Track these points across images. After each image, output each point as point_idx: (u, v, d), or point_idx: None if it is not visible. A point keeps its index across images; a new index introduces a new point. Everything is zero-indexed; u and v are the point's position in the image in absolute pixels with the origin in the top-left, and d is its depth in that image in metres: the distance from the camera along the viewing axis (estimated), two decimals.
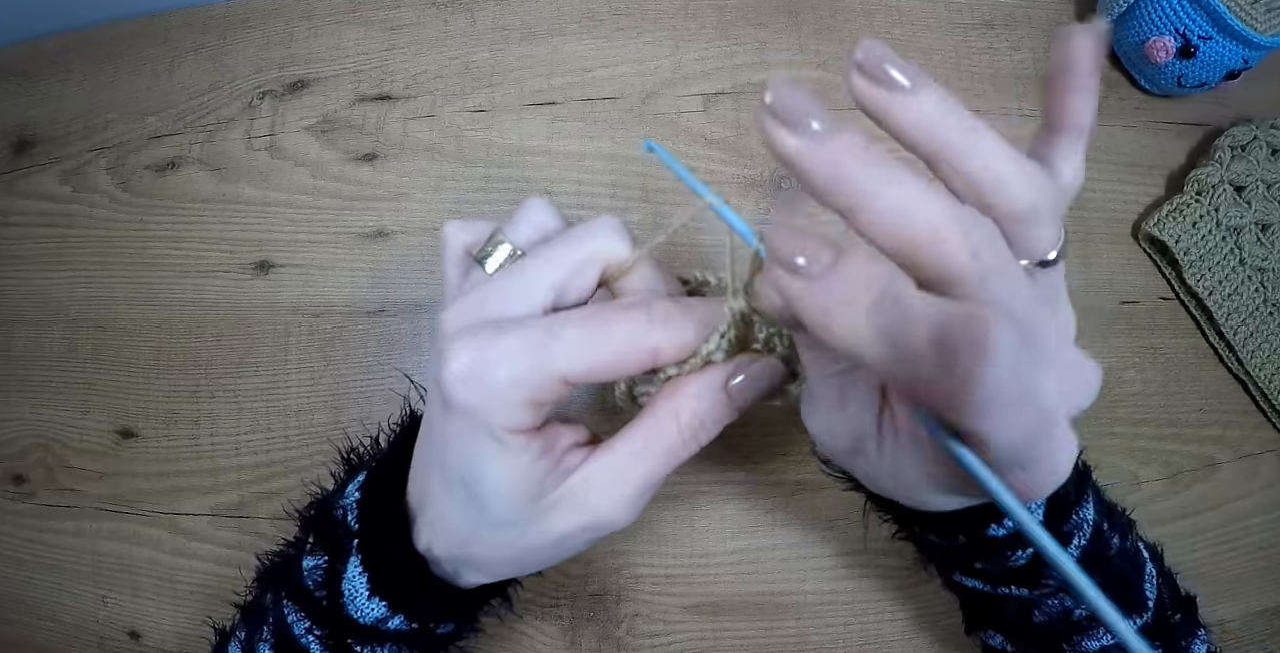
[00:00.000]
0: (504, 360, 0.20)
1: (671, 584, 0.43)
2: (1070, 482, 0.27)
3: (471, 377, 0.20)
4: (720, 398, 0.22)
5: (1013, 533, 0.26)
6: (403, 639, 0.26)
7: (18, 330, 0.50)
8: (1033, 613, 0.28)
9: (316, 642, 0.26)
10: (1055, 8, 0.52)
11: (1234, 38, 0.44)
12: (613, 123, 0.49)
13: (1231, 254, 0.47)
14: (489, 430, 0.21)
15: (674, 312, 0.22)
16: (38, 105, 0.53)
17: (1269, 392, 0.46)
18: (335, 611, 0.25)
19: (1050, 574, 0.27)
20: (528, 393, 0.20)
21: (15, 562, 0.47)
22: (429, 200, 0.48)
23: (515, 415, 0.20)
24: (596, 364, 0.21)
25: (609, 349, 0.21)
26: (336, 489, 0.28)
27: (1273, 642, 0.45)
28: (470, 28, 0.51)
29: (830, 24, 0.50)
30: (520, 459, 0.21)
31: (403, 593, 0.25)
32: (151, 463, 0.47)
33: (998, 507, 0.18)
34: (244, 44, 0.52)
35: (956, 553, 0.28)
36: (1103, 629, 0.28)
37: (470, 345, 0.20)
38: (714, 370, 0.22)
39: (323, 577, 0.26)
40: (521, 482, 0.22)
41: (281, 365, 0.47)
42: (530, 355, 0.20)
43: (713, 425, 0.23)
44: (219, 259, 0.49)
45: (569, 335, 0.20)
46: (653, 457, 0.23)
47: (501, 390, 0.20)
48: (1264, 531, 0.46)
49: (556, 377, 0.20)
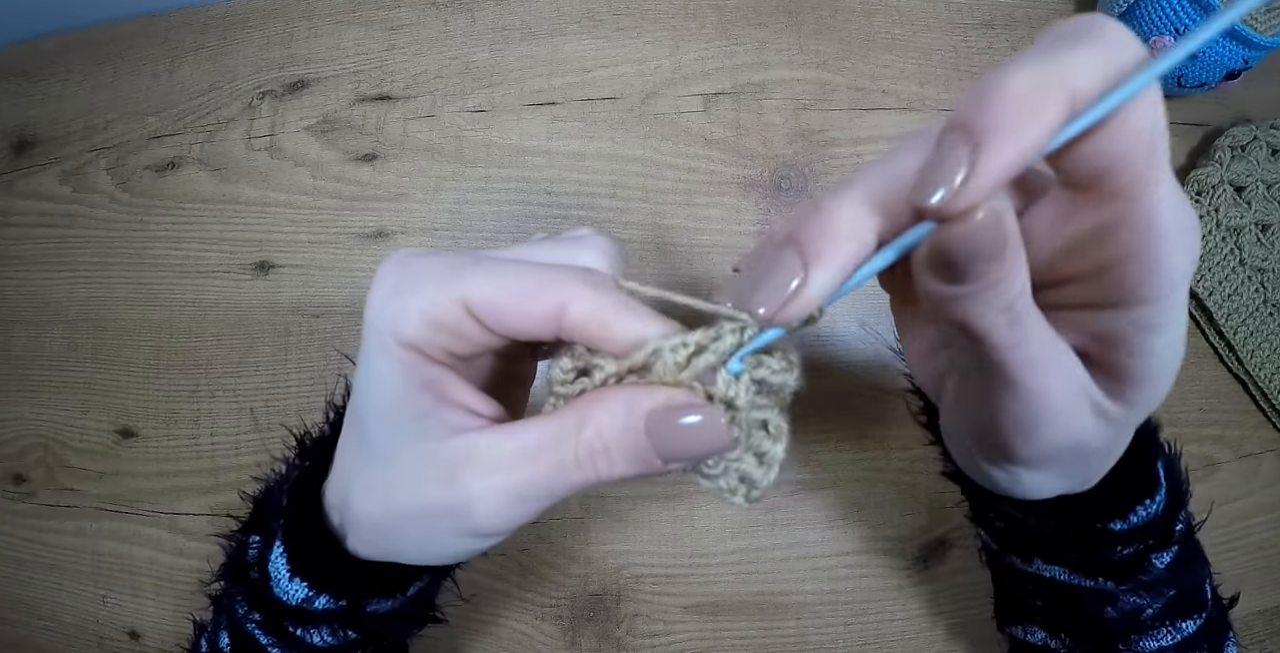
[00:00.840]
0: (416, 271, 0.20)
1: (671, 584, 0.43)
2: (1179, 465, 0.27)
3: (384, 282, 0.20)
4: (635, 427, 0.19)
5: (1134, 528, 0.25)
6: (335, 619, 0.25)
7: (18, 330, 0.50)
8: (1107, 608, 0.27)
9: (256, 626, 0.26)
10: (1055, 8, 0.52)
11: (1234, 38, 0.44)
12: (613, 123, 0.49)
13: (1231, 254, 0.47)
14: (381, 338, 0.20)
15: (607, 282, 0.19)
16: (38, 105, 0.53)
17: (1269, 392, 0.46)
18: (265, 593, 0.25)
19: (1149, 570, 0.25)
20: (426, 305, 0.19)
21: (15, 562, 0.47)
22: (429, 200, 0.48)
23: (409, 327, 0.19)
24: (498, 296, 0.19)
25: (515, 284, 0.19)
26: (284, 474, 0.28)
27: (1272, 642, 0.45)
28: (470, 28, 0.51)
29: (830, 24, 0.50)
30: (401, 376, 0.20)
31: (321, 571, 0.24)
32: (151, 463, 0.47)
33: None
34: (244, 44, 0.52)
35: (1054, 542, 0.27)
36: (1161, 629, 0.27)
37: (397, 257, 0.20)
38: (644, 390, 0.19)
39: (254, 559, 0.26)
40: (395, 401, 0.20)
41: (281, 365, 0.47)
42: (442, 274, 0.19)
43: (619, 460, 0.19)
44: (219, 259, 0.49)
45: (487, 264, 0.19)
46: (542, 463, 0.19)
47: (403, 297, 0.19)
48: (1264, 531, 0.46)
49: (458, 298, 0.19)
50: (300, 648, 0.26)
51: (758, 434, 0.20)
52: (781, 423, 0.20)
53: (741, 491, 0.20)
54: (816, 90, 0.49)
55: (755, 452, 0.20)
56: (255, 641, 0.26)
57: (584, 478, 0.19)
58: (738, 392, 0.19)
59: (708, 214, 0.47)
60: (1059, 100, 0.15)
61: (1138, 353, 0.19)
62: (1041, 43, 0.16)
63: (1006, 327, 0.17)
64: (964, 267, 0.16)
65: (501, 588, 0.43)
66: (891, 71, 0.50)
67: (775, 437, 0.20)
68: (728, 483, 0.20)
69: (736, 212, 0.47)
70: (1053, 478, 0.22)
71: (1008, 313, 0.17)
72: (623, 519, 0.44)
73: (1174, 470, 0.26)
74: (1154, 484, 0.25)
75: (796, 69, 0.49)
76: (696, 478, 0.21)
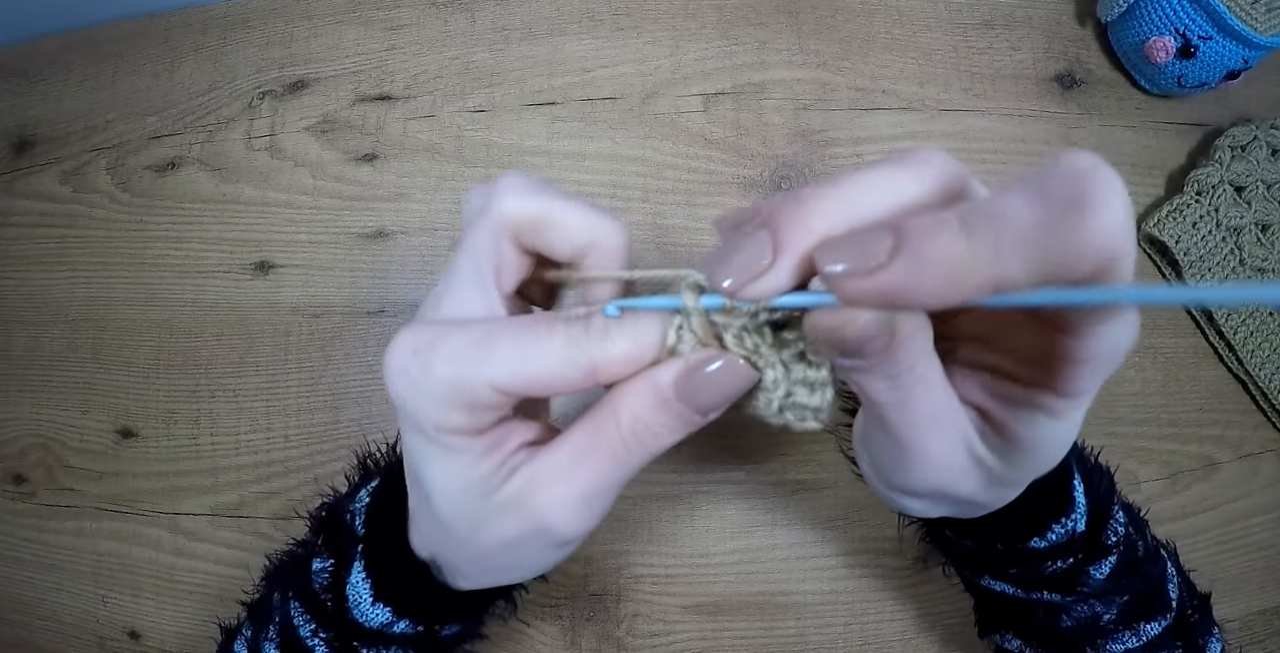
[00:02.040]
0: (437, 361, 0.19)
1: (671, 584, 0.43)
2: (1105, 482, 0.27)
3: (406, 373, 0.20)
4: (662, 397, 0.20)
5: (1054, 545, 0.26)
6: (409, 642, 0.26)
7: (18, 330, 0.50)
8: (1061, 618, 0.28)
9: (323, 644, 0.26)
10: (1055, 8, 0.52)
11: (1234, 38, 0.44)
12: (613, 123, 0.49)
13: (1231, 254, 0.47)
14: (422, 429, 0.20)
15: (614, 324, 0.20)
16: (38, 105, 0.53)
17: (1269, 392, 0.46)
18: (341, 614, 0.25)
19: (1087, 582, 0.27)
20: (458, 396, 0.19)
21: (15, 562, 0.47)
22: (429, 200, 0.48)
23: (447, 416, 0.20)
24: (526, 378, 0.19)
25: (540, 365, 0.19)
26: (349, 493, 0.28)
27: (1272, 642, 0.45)
28: (470, 28, 0.51)
29: (830, 24, 0.50)
30: (458, 459, 0.21)
31: (405, 599, 0.25)
32: (151, 463, 0.47)
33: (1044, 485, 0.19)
34: (244, 44, 0.52)
35: (991, 560, 0.28)
36: (1124, 633, 0.28)
37: (409, 342, 0.20)
38: (654, 367, 0.20)
39: (329, 581, 0.26)
40: (459, 482, 0.21)
41: (281, 365, 0.47)
42: (463, 360, 0.19)
43: (661, 430, 0.20)
44: (219, 259, 0.49)
45: (502, 347, 0.19)
46: (596, 459, 0.20)
47: (433, 391, 0.19)
48: (1264, 531, 0.46)
49: (487, 384, 0.19)
50: None
51: (797, 367, 0.21)
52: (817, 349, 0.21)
53: (810, 416, 0.21)
54: (816, 90, 0.49)
55: (804, 383, 0.21)
56: None
57: (639, 458, 0.21)
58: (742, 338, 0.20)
59: (708, 214, 0.47)
60: (986, 283, 0.15)
61: (1035, 429, 0.20)
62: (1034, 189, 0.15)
63: (888, 391, 0.19)
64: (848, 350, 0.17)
65: None
66: (891, 71, 0.50)
67: (817, 364, 0.21)
68: (794, 415, 0.21)
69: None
70: (936, 508, 0.23)
71: (891, 381, 0.18)
72: (623, 519, 0.44)
73: (1095, 485, 0.27)
74: (1069, 504, 0.26)
75: (796, 69, 0.49)
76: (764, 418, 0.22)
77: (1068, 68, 0.51)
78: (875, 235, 0.15)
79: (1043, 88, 0.50)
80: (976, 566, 0.29)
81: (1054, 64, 0.51)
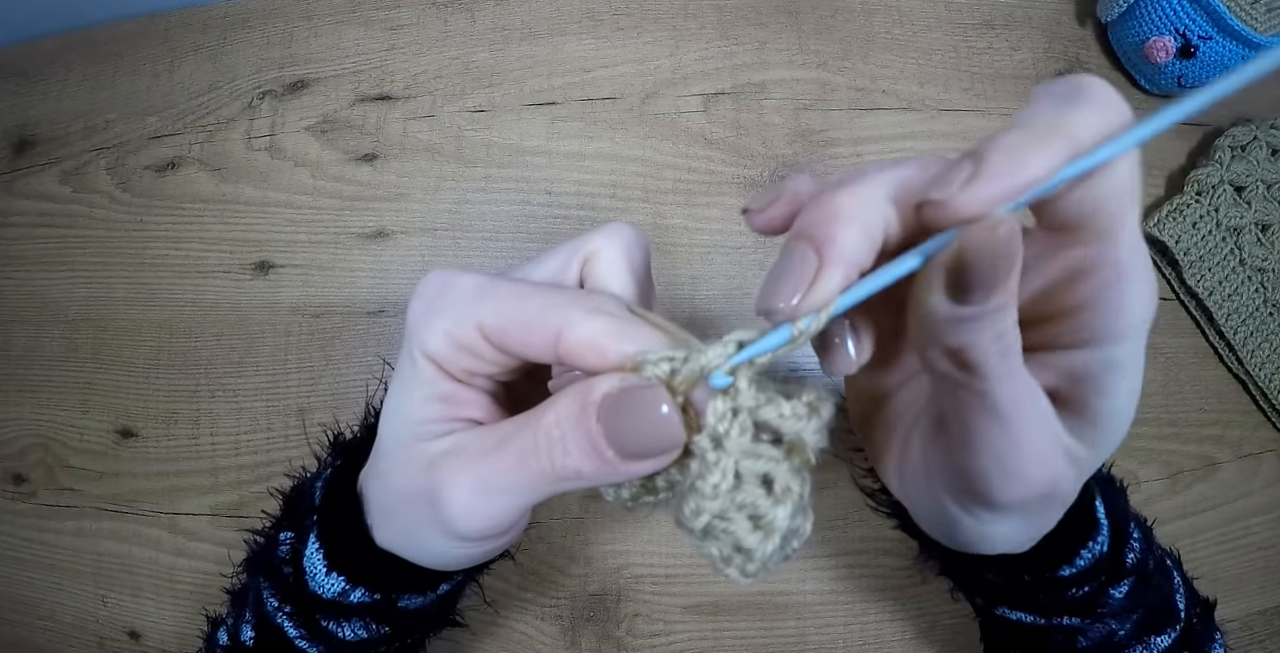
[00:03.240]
0: (447, 291, 0.21)
1: (671, 584, 0.43)
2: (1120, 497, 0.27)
3: (423, 295, 0.21)
4: (588, 412, 0.18)
5: (1082, 571, 0.25)
6: (368, 613, 0.26)
7: (18, 330, 0.50)
8: (1078, 640, 0.28)
9: (287, 618, 0.26)
10: (1055, 8, 0.52)
11: (1234, 38, 0.44)
12: (613, 123, 0.49)
13: (1231, 254, 0.47)
14: (411, 349, 0.21)
15: (610, 309, 0.20)
16: (38, 105, 0.53)
17: (1269, 392, 0.46)
18: (300, 587, 0.26)
19: (1107, 603, 0.26)
20: (449, 326, 0.21)
21: (15, 562, 0.47)
22: (429, 200, 0.48)
23: (432, 341, 0.21)
24: (504, 323, 0.20)
25: (521, 312, 0.20)
26: (317, 472, 0.28)
27: (1272, 642, 0.45)
28: (470, 28, 0.51)
29: (830, 24, 0.50)
30: (419, 389, 0.22)
31: (356, 567, 0.25)
32: (151, 463, 0.47)
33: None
34: (244, 44, 0.52)
35: (1013, 591, 0.27)
36: (1136, 648, 0.28)
37: (438, 273, 0.22)
38: (603, 376, 0.19)
39: (288, 553, 0.26)
40: (408, 408, 0.22)
41: (281, 365, 0.47)
42: (467, 296, 0.21)
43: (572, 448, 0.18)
44: (219, 259, 0.49)
45: (502, 289, 0.21)
46: (505, 453, 0.20)
47: (433, 314, 0.21)
48: (1264, 531, 0.46)
49: (474, 322, 0.20)
50: (328, 642, 0.26)
51: (753, 490, 0.17)
52: (792, 484, 0.17)
53: (736, 561, 0.18)
54: (816, 90, 0.49)
55: (750, 512, 0.17)
56: (283, 633, 0.26)
57: (540, 470, 0.19)
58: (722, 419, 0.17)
59: (708, 214, 0.47)
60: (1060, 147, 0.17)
61: (1105, 393, 0.20)
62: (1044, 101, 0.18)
63: (999, 356, 0.18)
64: (980, 281, 0.16)
65: (501, 588, 0.43)
66: (891, 71, 0.50)
67: (777, 498, 0.17)
68: (720, 549, 0.18)
69: (736, 211, 0.47)
70: (1017, 527, 0.22)
71: (1001, 341, 0.18)
72: (623, 519, 0.44)
73: (1114, 505, 0.27)
74: (1094, 526, 0.26)
75: (796, 69, 0.49)
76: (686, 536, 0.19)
77: (1068, 68, 0.51)
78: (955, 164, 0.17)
79: None
80: (995, 597, 0.29)
81: (1054, 64, 0.51)
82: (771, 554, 0.18)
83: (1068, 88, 0.18)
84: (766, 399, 0.17)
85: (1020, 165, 0.16)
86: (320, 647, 0.26)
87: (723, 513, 0.18)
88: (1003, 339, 0.17)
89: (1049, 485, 0.20)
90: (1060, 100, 0.18)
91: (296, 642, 0.26)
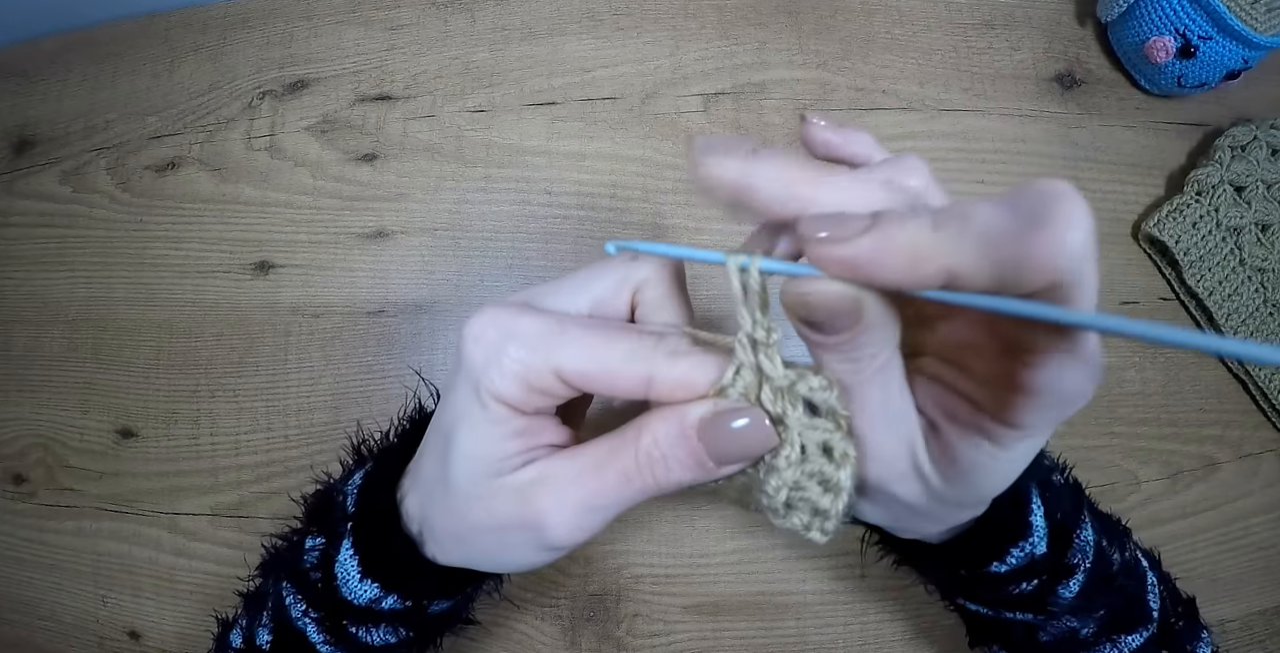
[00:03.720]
0: (513, 335, 0.21)
1: (671, 584, 0.43)
2: (1067, 502, 0.27)
3: (483, 339, 0.21)
4: (685, 431, 0.21)
5: (1015, 569, 0.26)
6: (397, 619, 0.26)
7: (18, 330, 0.50)
8: (1038, 635, 0.28)
9: (313, 624, 0.26)
10: (1055, 8, 0.52)
11: (1234, 38, 0.44)
12: (613, 123, 0.49)
13: (1231, 254, 0.47)
14: (478, 390, 0.22)
15: (684, 349, 0.21)
16: (38, 105, 0.53)
17: (1269, 392, 0.46)
18: (330, 593, 0.26)
19: (1056, 602, 0.27)
20: (522, 371, 0.21)
21: (15, 562, 0.47)
22: (429, 200, 0.48)
23: (505, 386, 0.21)
24: (589, 370, 0.21)
25: (605, 360, 0.21)
26: (342, 477, 0.29)
27: (1272, 642, 0.45)
28: (470, 28, 0.51)
29: (830, 24, 0.50)
30: (494, 428, 0.22)
31: (392, 574, 0.26)
32: (151, 463, 0.47)
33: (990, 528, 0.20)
34: (244, 44, 0.52)
35: (959, 583, 0.28)
36: (1103, 645, 0.28)
37: (493, 314, 0.22)
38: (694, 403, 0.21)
39: (318, 559, 0.26)
40: (485, 449, 0.22)
41: (281, 365, 0.47)
42: (536, 339, 0.21)
43: (674, 464, 0.21)
44: (219, 259, 0.49)
45: (575, 335, 0.21)
46: (606, 474, 0.21)
47: (501, 359, 0.21)
48: (1264, 531, 0.46)
49: (551, 368, 0.21)
50: (354, 647, 0.26)
51: (818, 458, 0.20)
52: (848, 449, 0.20)
53: (816, 524, 0.21)
54: (816, 90, 0.49)
55: (819, 478, 0.21)
56: (305, 638, 0.26)
57: (643, 485, 0.21)
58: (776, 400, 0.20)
59: (708, 214, 0.47)
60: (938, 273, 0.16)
61: (978, 454, 0.20)
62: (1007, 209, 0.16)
63: (847, 373, 0.19)
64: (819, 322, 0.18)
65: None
66: (891, 71, 0.50)
67: (839, 462, 0.20)
68: (801, 519, 0.21)
69: None
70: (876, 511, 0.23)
71: (851, 364, 0.19)
72: (623, 519, 0.44)
73: (1057, 506, 0.27)
74: (1025, 528, 0.26)
75: (796, 69, 0.49)
76: (771, 517, 0.22)
77: (1068, 68, 0.51)
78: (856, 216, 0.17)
79: (1043, 88, 0.50)
80: (947, 588, 0.30)
81: (1054, 64, 0.51)
82: (843, 511, 0.21)
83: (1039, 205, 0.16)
84: (797, 375, 0.20)
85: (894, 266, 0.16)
86: (342, 651, 0.26)
87: (797, 484, 0.21)
88: (856, 363, 0.19)
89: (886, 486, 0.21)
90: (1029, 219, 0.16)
91: (319, 647, 0.26)
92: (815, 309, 0.17)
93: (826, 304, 0.17)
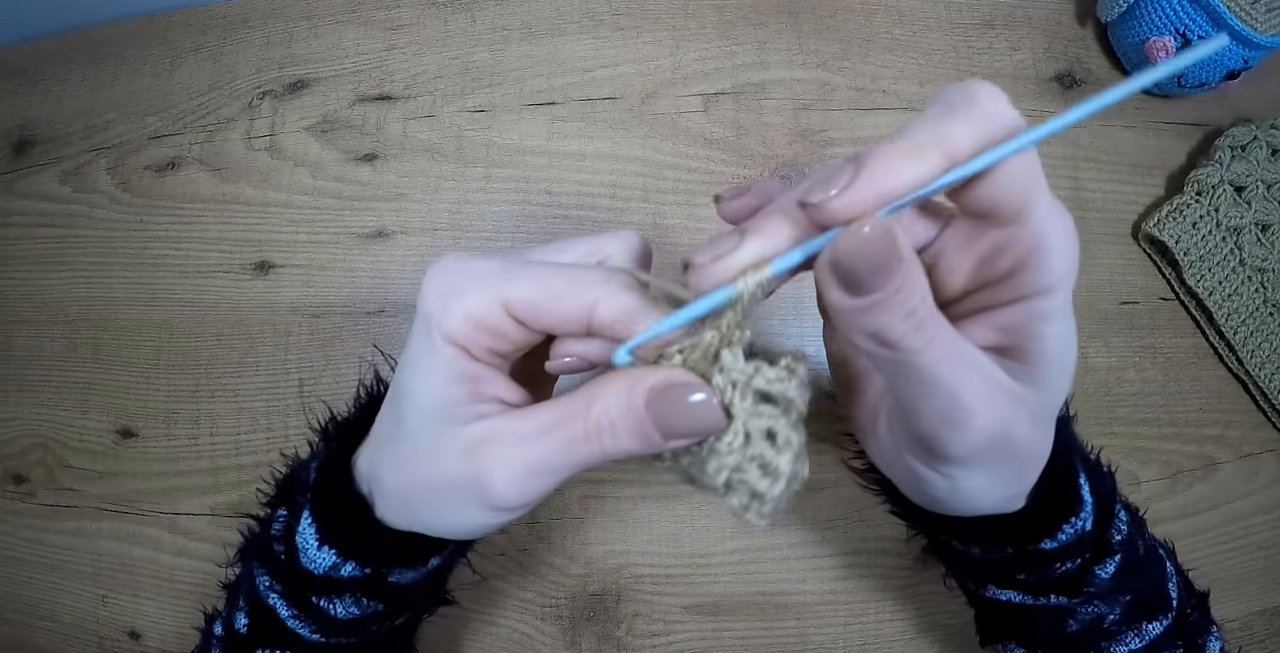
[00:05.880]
0: (465, 271, 0.22)
1: (671, 584, 0.43)
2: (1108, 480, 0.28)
3: (436, 279, 0.22)
4: (637, 403, 0.21)
5: (1064, 545, 0.26)
6: (359, 588, 0.26)
7: (18, 330, 0.50)
8: (1067, 622, 0.28)
9: (279, 597, 0.26)
10: (1055, 8, 0.52)
11: (1234, 38, 0.44)
12: (613, 123, 0.49)
13: (1231, 254, 0.47)
14: (430, 331, 0.22)
15: (633, 286, 0.22)
16: (38, 105, 0.53)
17: (1269, 392, 0.46)
18: (292, 564, 0.26)
19: (1093, 582, 0.27)
20: (472, 307, 0.21)
21: (15, 562, 0.47)
22: (429, 200, 0.48)
23: (454, 324, 0.21)
24: (535, 296, 0.21)
25: (551, 285, 0.21)
26: (311, 455, 0.29)
27: (1273, 642, 0.45)
28: (470, 28, 0.51)
29: (830, 24, 0.50)
30: (442, 370, 0.22)
31: (348, 540, 0.26)
32: (151, 463, 0.47)
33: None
34: (244, 44, 0.52)
35: (998, 566, 0.28)
36: (1127, 634, 0.28)
37: (450, 257, 0.22)
38: (646, 371, 0.21)
39: (281, 531, 0.27)
40: (433, 390, 0.22)
41: (281, 365, 0.47)
42: (488, 278, 0.22)
43: (621, 433, 0.21)
44: (219, 259, 0.49)
45: (525, 269, 0.22)
46: (554, 438, 0.21)
47: (450, 297, 0.22)
48: (1264, 531, 0.46)
49: (500, 300, 0.21)
50: (320, 620, 0.26)
51: (761, 443, 0.21)
52: (791, 436, 0.21)
53: (754, 507, 0.21)
54: (816, 90, 0.49)
55: (759, 462, 0.21)
56: (275, 614, 0.27)
57: (590, 451, 0.21)
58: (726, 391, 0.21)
59: (708, 214, 0.47)
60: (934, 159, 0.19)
61: (1037, 338, 0.21)
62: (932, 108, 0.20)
63: (914, 331, 0.19)
64: (863, 277, 0.18)
65: (501, 588, 0.43)
66: (891, 71, 0.50)
67: (780, 448, 0.21)
68: (739, 500, 0.21)
69: None
70: (988, 480, 0.23)
71: (912, 318, 0.19)
72: (623, 519, 0.44)
73: (1101, 484, 0.27)
74: (1078, 502, 0.26)
75: (796, 69, 0.49)
76: (712, 494, 0.22)
77: (1068, 68, 0.51)
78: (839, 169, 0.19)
79: (1043, 88, 0.50)
80: (982, 574, 0.29)
81: (1054, 64, 0.51)
82: (780, 495, 0.21)
83: (958, 96, 0.20)
84: (754, 369, 0.20)
85: (893, 175, 0.18)
86: (311, 625, 0.26)
87: (738, 466, 0.21)
88: (913, 315, 0.19)
89: (999, 430, 0.21)
90: (947, 109, 0.19)
91: (288, 621, 0.26)
92: (857, 257, 0.18)
93: (863, 246, 0.18)
